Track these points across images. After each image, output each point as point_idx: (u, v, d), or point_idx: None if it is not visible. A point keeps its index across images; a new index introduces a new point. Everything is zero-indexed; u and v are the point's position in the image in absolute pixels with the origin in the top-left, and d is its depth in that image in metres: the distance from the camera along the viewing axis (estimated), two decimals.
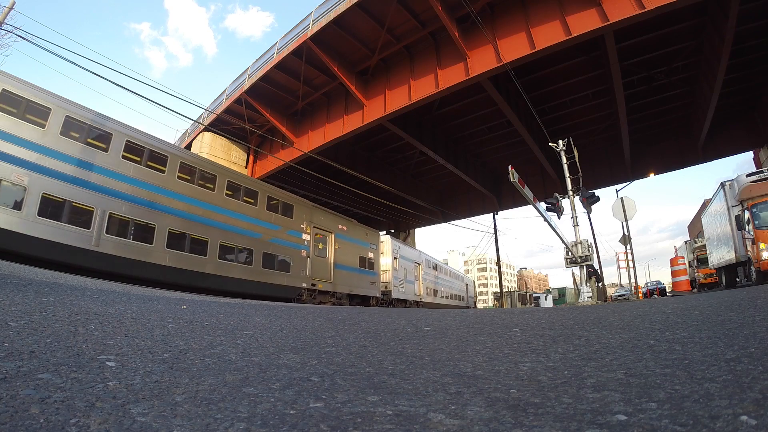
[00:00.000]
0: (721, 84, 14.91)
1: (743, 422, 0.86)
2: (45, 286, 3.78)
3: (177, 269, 9.97)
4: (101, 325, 2.13)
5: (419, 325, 3.67)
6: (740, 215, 9.91)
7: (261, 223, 12.42)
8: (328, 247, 14.68)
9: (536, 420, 0.96)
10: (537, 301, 39.47)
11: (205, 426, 0.89)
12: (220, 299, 7.16)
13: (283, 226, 13.04)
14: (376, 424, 0.95)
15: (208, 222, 10.90)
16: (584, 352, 1.90)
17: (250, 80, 18.14)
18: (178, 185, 10.53)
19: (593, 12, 11.96)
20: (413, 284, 22.01)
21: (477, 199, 28.89)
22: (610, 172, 23.87)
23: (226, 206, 11.45)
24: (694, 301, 4.75)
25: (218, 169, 11.98)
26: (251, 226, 12.05)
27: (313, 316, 4.31)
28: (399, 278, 20.05)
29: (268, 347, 2.05)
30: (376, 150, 23.87)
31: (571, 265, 13.18)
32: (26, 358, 1.32)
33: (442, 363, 1.77)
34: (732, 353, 1.57)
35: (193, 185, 10.90)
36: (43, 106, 8.25)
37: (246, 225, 11.87)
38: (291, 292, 12.79)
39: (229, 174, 12.19)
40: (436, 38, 15.45)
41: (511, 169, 10.96)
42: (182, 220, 10.34)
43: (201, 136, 21.27)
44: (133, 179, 9.62)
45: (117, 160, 9.39)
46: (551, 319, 3.75)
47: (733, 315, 2.74)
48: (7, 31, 11.32)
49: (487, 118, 20.84)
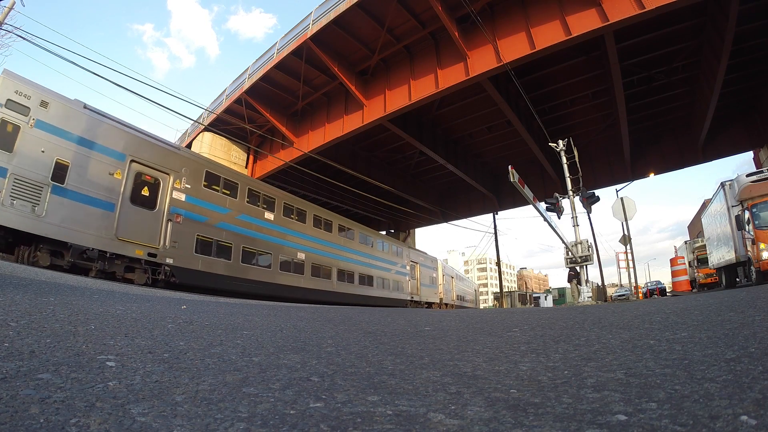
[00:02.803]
0: (721, 84, 14.91)
1: (743, 422, 0.86)
2: (45, 286, 3.78)
3: (342, 293, 16.39)
4: (101, 325, 2.13)
5: (419, 325, 3.67)
6: (740, 215, 9.91)
7: (387, 261, 20.30)
8: (416, 273, 23.44)
9: (536, 420, 0.96)
10: (537, 301, 39.46)
11: (205, 426, 0.89)
12: (220, 299, 7.16)
13: (398, 263, 21.35)
14: (376, 424, 0.95)
15: (369, 265, 18.87)
16: (584, 352, 1.90)
17: (250, 80, 18.13)
18: (338, 239, 17.10)
19: (593, 12, 11.96)
20: (449, 291, 30.48)
21: (477, 199, 28.88)
22: (610, 172, 23.86)
23: (372, 254, 19.25)
24: (694, 301, 4.75)
25: (369, 232, 19.75)
26: (378, 263, 19.39)
27: (313, 316, 4.30)
28: (445, 289, 29.24)
29: (268, 347, 2.05)
30: (376, 150, 23.87)
31: (571, 265, 13.18)
32: (26, 358, 1.32)
33: (442, 363, 1.77)
34: (732, 353, 1.57)
35: (369, 247, 19.12)
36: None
37: (379, 263, 19.41)
38: (402, 303, 20.25)
39: (374, 234, 19.82)
40: (436, 38, 15.44)
41: (511, 169, 10.96)
42: (353, 265, 17.47)
43: (201, 136, 21.27)
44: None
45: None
46: (551, 319, 3.75)
47: (733, 315, 2.74)
48: (7, 31, 11.33)
49: (487, 118, 20.83)
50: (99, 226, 8.66)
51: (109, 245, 8.74)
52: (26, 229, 7.62)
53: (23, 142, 7.77)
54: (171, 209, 10.05)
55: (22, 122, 7.83)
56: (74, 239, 8.20)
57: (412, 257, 23.38)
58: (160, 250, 9.68)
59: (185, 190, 10.49)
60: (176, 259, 9.99)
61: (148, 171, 9.76)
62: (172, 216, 10.04)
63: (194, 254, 10.58)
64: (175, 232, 10.04)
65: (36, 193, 7.81)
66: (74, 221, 8.27)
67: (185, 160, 10.79)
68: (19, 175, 7.62)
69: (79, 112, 8.78)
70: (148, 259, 9.40)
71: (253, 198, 12.74)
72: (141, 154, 9.65)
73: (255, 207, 12.75)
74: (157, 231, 9.73)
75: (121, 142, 9.35)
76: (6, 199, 7.36)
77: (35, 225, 7.69)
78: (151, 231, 9.60)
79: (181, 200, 10.35)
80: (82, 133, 8.67)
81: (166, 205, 9.97)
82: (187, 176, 10.57)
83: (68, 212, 8.22)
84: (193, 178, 10.74)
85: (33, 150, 7.88)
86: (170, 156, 10.44)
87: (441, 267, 28.22)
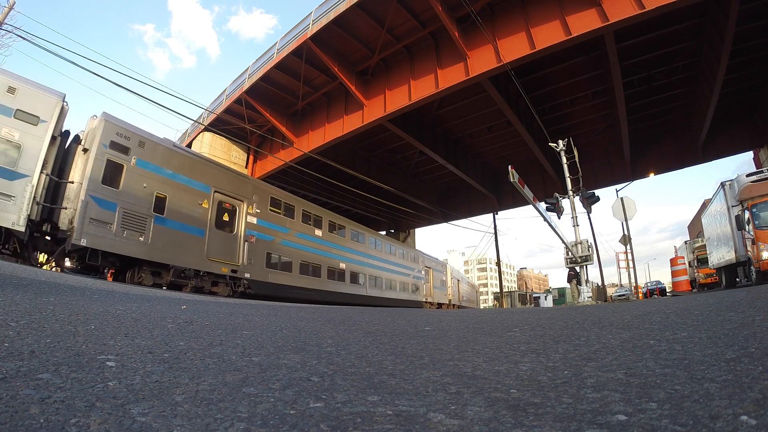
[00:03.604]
0: (721, 84, 14.91)
1: (743, 422, 0.86)
2: (45, 286, 3.77)
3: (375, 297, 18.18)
4: (101, 325, 2.13)
5: (419, 325, 3.67)
6: (740, 215, 9.90)
7: (406, 267, 21.97)
8: (430, 277, 24.98)
9: (536, 420, 0.96)
10: (537, 301, 39.48)
11: (205, 426, 0.89)
12: (220, 299, 7.16)
13: (415, 269, 23.02)
14: (376, 424, 0.95)
15: (393, 272, 20.52)
16: (584, 352, 1.90)
17: (250, 80, 18.13)
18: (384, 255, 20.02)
19: (593, 12, 11.96)
20: (456, 293, 32.93)
21: (477, 199, 28.89)
22: (610, 172, 23.87)
23: (395, 261, 21.05)
24: (694, 301, 4.75)
25: (392, 242, 21.82)
26: (399, 269, 21.19)
27: (313, 316, 4.30)
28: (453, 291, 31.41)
29: (268, 347, 2.05)
30: (376, 150, 23.87)
31: (571, 265, 13.18)
32: (26, 358, 1.32)
33: (442, 363, 1.77)
34: (732, 353, 1.56)
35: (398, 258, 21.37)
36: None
37: (397, 268, 21.04)
38: (419, 304, 22.19)
39: (397, 243, 21.97)
40: (436, 38, 15.44)
41: (511, 169, 10.96)
42: (380, 272, 19.27)
43: (201, 136, 21.27)
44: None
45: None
46: (551, 319, 3.75)
47: (733, 315, 2.74)
48: (7, 31, 11.33)
49: (487, 118, 20.83)
50: (193, 249, 9.96)
51: (202, 265, 10.05)
52: (136, 255, 8.73)
53: (127, 179, 8.82)
54: (246, 231, 11.50)
55: (125, 161, 8.87)
56: (174, 261, 9.40)
57: (426, 263, 25.12)
58: (240, 267, 11.08)
59: (256, 214, 12.00)
60: (252, 273, 11.44)
61: (228, 199, 11.20)
62: (248, 237, 11.50)
63: (265, 269, 12.09)
64: (250, 251, 11.49)
65: (141, 223, 8.93)
66: (173, 246, 9.47)
67: (254, 188, 12.35)
68: (127, 209, 8.69)
69: (171, 150, 10.05)
70: (231, 275, 10.81)
71: (305, 218, 14.50)
72: (221, 185, 11.04)
73: (308, 225, 14.53)
74: (237, 251, 11.14)
75: (205, 175, 10.71)
76: (118, 231, 8.42)
77: (142, 251, 8.83)
78: (232, 251, 11.02)
79: (254, 223, 11.87)
80: (174, 168, 9.89)
81: (243, 228, 11.44)
82: (256, 202, 12.07)
83: (168, 238, 9.38)
84: (261, 203, 12.28)
85: (136, 186, 8.98)
86: (243, 185, 11.97)
87: (450, 271, 30.05)
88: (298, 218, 14.02)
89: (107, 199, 8.38)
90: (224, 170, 11.59)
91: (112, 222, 8.33)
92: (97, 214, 8.14)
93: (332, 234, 15.92)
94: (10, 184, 7.28)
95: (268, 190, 13.05)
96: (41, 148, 7.71)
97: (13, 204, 7.27)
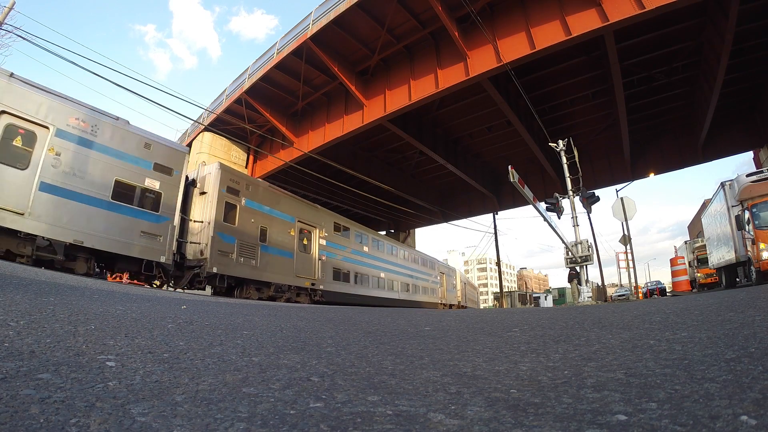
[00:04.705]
0: (721, 84, 14.90)
1: (743, 422, 0.86)
2: (45, 286, 3.77)
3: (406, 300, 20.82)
4: (101, 325, 2.13)
5: (419, 325, 3.67)
6: (740, 215, 9.90)
7: (426, 273, 24.52)
8: (443, 281, 27.52)
9: (536, 420, 0.96)
10: (537, 301, 39.46)
11: (205, 426, 0.89)
12: (220, 299, 7.16)
13: (432, 274, 25.74)
14: (376, 424, 0.95)
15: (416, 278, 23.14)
16: (584, 352, 1.90)
17: (250, 80, 18.12)
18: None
19: (593, 12, 11.96)
20: (464, 295, 35.36)
21: (477, 199, 28.89)
22: (610, 172, 23.87)
23: (418, 269, 23.70)
24: (694, 301, 4.75)
25: (415, 253, 24.53)
26: (421, 276, 23.70)
27: (313, 316, 4.30)
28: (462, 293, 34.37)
29: (268, 347, 2.05)
30: (376, 150, 23.87)
31: (572, 265, 13.17)
32: (26, 358, 1.32)
33: (442, 363, 1.77)
34: (732, 353, 1.56)
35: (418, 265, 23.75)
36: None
37: (419, 275, 23.51)
38: (435, 305, 24.33)
39: (418, 253, 24.72)
40: (436, 38, 15.44)
41: (511, 169, 10.96)
42: (407, 279, 21.80)
43: (201, 136, 21.26)
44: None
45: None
46: (551, 319, 3.75)
47: (733, 315, 2.74)
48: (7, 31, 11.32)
49: (487, 118, 20.83)
50: (286, 269, 12.34)
51: (292, 281, 12.47)
52: (249, 277, 10.87)
53: (240, 216, 10.82)
54: (319, 252, 13.94)
55: (237, 202, 10.86)
56: (275, 279, 11.74)
57: (440, 269, 27.96)
58: (316, 281, 13.54)
59: (325, 237, 14.48)
60: (324, 285, 13.97)
61: (306, 227, 13.63)
62: (320, 257, 13.97)
63: (332, 281, 14.61)
64: (322, 268, 13.99)
65: (252, 251, 11.10)
66: (273, 267, 11.75)
67: (323, 216, 14.80)
68: (242, 241, 10.75)
69: (267, 189, 12.32)
70: (311, 287, 13.25)
71: (357, 237, 17.21)
72: (302, 215, 13.45)
73: (358, 243, 17.19)
74: (313, 268, 13.59)
75: (291, 208, 13.00)
76: (237, 258, 10.50)
77: (253, 273, 11.03)
78: (310, 268, 13.47)
79: (324, 245, 14.33)
80: (270, 204, 12.07)
81: (317, 249, 13.89)
82: (325, 227, 14.53)
83: (269, 261, 11.63)
84: (328, 227, 14.76)
85: (246, 221, 11.03)
86: (316, 213, 14.37)
87: (459, 276, 33.42)
88: (352, 238, 16.76)
89: (228, 234, 10.37)
90: (303, 202, 14.07)
91: (233, 252, 10.39)
92: (222, 247, 10.14)
93: (375, 249, 18.79)
94: (157, 226, 8.95)
95: (332, 217, 15.65)
96: (177, 195, 9.45)
97: (161, 242, 8.97)
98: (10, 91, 7.19)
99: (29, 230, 7.13)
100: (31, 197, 7.21)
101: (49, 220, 7.41)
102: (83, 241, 7.79)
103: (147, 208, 8.81)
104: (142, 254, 8.60)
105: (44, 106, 7.55)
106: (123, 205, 8.46)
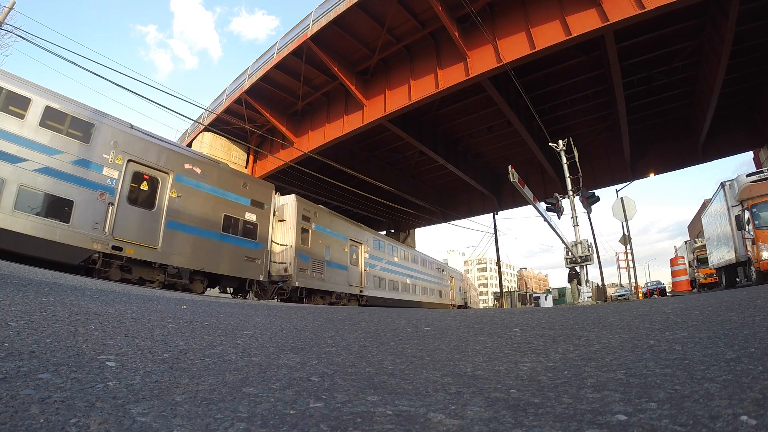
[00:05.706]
0: (721, 84, 14.91)
1: (743, 422, 0.86)
2: (45, 286, 3.77)
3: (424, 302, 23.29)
4: (101, 325, 2.13)
5: (419, 325, 3.67)
6: (740, 215, 9.90)
7: (438, 278, 27.11)
8: (452, 284, 29.86)
9: (536, 420, 0.96)
10: (537, 301, 39.43)
11: (205, 426, 0.89)
12: (220, 299, 7.17)
13: (443, 279, 28.14)
14: (376, 424, 0.95)
15: (431, 282, 25.71)
16: (584, 352, 1.90)
17: (250, 80, 18.13)
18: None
19: (593, 12, 11.96)
20: (470, 296, 37.86)
21: (477, 199, 28.90)
22: (610, 172, 23.87)
23: (432, 274, 26.34)
24: (694, 301, 4.75)
25: (431, 259, 26.73)
26: (435, 280, 26.39)
27: (313, 316, 4.30)
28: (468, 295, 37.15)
29: (268, 347, 2.05)
30: (376, 150, 23.87)
31: (572, 265, 13.17)
32: (26, 358, 1.32)
33: (442, 363, 1.77)
34: (732, 353, 1.56)
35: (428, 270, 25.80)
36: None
37: (434, 279, 26.23)
38: (446, 306, 26.64)
39: (432, 259, 26.96)
40: (436, 38, 15.44)
41: (511, 169, 10.96)
42: (425, 283, 24.51)
43: (201, 136, 21.26)
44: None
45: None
46: (551, 319, 3.75)
47: (733, 315, 2.74)
48: (7, 31, 11.32)
49: (487, 118, 20.84)
50: (343, 279, 15.00)
51: (347, 289, 15.15)
52: (320, 288, 13.32)
53: (312, 239, 13.19)
54: (365, 264, 16.83)
55: (310, 227, 13.18)
56: (337, 289, 14.37)
57: (450, 273, 30.70)
58: (363, 288, 16.39)
59: (368, 251, 17.34)
60: (369, 291, 16.82)
61: (355, 244, 16.38)
62: (365, 268, 16.83)
63: (373, 288, 17.51)
64: (366, 277, 16.86)
65: (321, 267, 13.53)
66: (335, 278, 14.32)
67: (366, 234, 17.58)
68: (314, 259, 13.12)
69: (329, 214, 14.86)
70: (359, 294, 16.03)
71: (390, 249, 20.15)
72: (351, 234, 16.18)
73: (391, 255, 20.00)
74: (360, 278, 16.41)
75: (344, 228, 15.59)
76: (311, 273, 12.84)
77: (322, 284, 13.49)
78: (358, 278, 16.30)
79: (367, 258, 17.19)
80: (331, 227, 14.63)
81: (363, 262, 16.77)
82: (368, 244, 17.47)
83: (332, 274, 14.15)
84: (369, 243, 17.63)
85: (316, 243, 13.40)
86: (361, 231, 17.20)
87: (467, 279, 36.71)
88: (387, 250, 19.61)
89: (304, 254, 12.66)
90: (351, 222, 16.66)
91: (308, 268, 12.70)
92: (301, 265, 12.38)
93: (402, 259, 21.53)
94: (256, 251, 10.77)
95: (373, 233, 18.57)
96: (269, 225, 11.38)
97: (259, 264, 10.84)
98: (133, 141, 8.25)
99: (162, 261, 8.39)
100: (161, 233, 8.47)
101: (176, 251, 8.77)
102: (204, 267, 9.27)
103: (248, 237, 10.60)
104: (247, 275, 10.43)
105: (164, 155, 8.77)
106: (231, 235, 10.12)
